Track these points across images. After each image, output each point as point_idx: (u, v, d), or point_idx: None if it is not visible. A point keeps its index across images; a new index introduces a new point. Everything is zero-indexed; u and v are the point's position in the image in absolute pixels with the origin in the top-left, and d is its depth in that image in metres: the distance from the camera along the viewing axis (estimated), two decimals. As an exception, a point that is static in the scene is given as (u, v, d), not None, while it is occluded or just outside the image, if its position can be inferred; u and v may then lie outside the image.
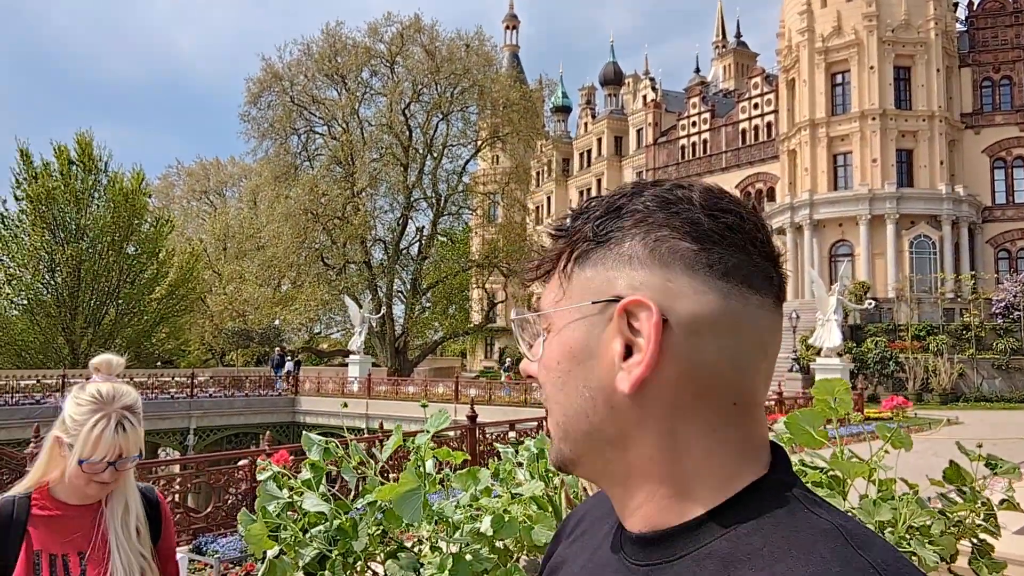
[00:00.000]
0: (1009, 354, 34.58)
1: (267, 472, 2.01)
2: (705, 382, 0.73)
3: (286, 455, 2.13)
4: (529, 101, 51.73)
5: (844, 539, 0.67)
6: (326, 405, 36.59)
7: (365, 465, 2.14)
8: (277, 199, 47.82)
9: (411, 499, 1.86)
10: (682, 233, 0.74)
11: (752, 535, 0.70)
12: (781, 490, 0.74)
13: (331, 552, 1.96)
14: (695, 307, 0.72)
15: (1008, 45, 46.92)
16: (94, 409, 2.01)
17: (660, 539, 0.75)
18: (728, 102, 59.37)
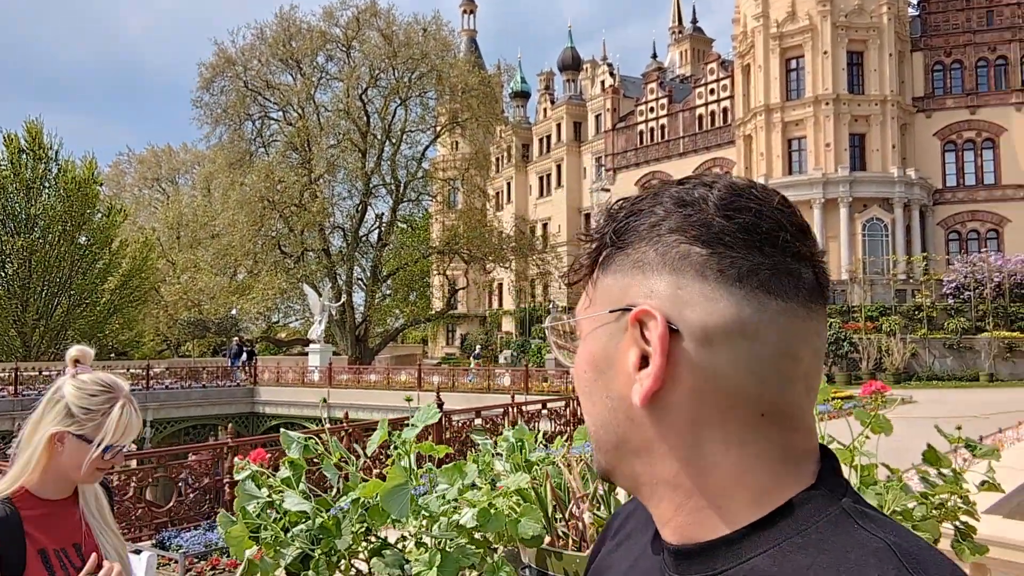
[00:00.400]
0: (960, 334, 35.43)
1: (245, 471, 1.95)
2: (725, 393, 0.70)
3: (263, 453, 2.07)
4: (488, 86, 51.51)
5: (897, 559, 0.63)
6: (286, 395, 36.26)
7: (346, 461, 2.09)
8: (232, 186, 47.10)
9: (398, 495, 1.82)
10: (691, 237, 0.71)
11: (797, 553, 0.66)
12: (829, 503, 0.69)
13: (314, 551, 1.91)
14: (706, 316, 0.69)
15: (959, 29, 47.82)
16: (111, 397, 2.04)
17: (699, 552, 0.72)
18: (685, 88, 59.74)
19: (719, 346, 0.69)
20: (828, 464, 0.74)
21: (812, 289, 0.72)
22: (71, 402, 2.02)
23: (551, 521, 2.16)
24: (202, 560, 7.39)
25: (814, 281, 0.72)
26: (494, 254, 51.76)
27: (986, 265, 38.36)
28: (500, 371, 34.24)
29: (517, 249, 53.26)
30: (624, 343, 0.72)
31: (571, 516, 2.20)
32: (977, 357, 34.54)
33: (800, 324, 0.71)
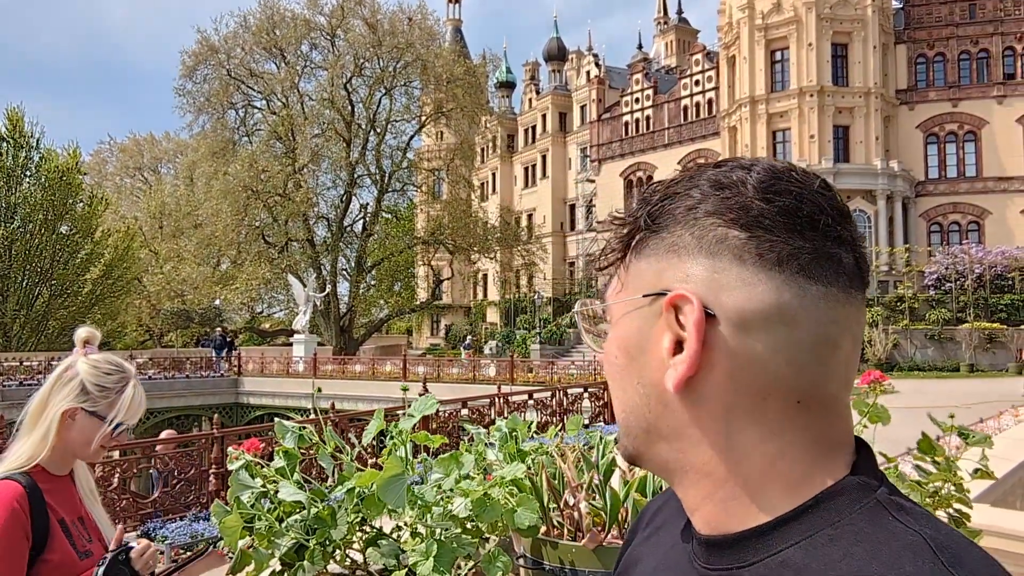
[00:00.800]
0: (941, 324, 35.76)
1: (239, 461, 1.94)
2: (761, 380, 0.68)
3: (257, 443, 2.06)
4: (473, 76, 51.36)
5: (933, 553, 0.61)
6: (270, 385, 36.16)
7: (341, 451, 2.08)
8: (215, 175, 46.76)
9: (395, 485, 1.81)
10: (729, 220, 0.69)
11: (829, 545, 0.64)
12: (863, 494, 0.68)
13: (308, 541, 1.90)
14: (744, 301, 0.67)
15: (942, 22, 48.09)
16: (123, 378, 2.12)
17: (730, 543, 0.70)
18: (670, 79, 59.77)
19: (756, 332, 0.67)
20: (863, 455, 0.72)
21: (852, 274, 0.70)
22: (86, 380, 2.08)
23: (546, 511, 2.16)
24: (188, 550, 7.36)
25: (854, 266, 0.70)
26: (479, 245, 51.71)
27: (967, 257, 38.71)
28: (485, 362, 34.27)
29: (502, 240, 53.24)
30: (658, 328, 0.71)
31: (566, 506, 2.20)
32: (958, 348, 34.88)
33: (840, 310, 0.69)
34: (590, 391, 15.18)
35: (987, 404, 17.88)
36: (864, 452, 0.73)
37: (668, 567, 0.80)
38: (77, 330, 2.22)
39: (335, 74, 47.56)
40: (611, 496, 2.01)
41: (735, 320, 0.67)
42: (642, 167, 57.47)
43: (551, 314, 54.41)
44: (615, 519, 2.02)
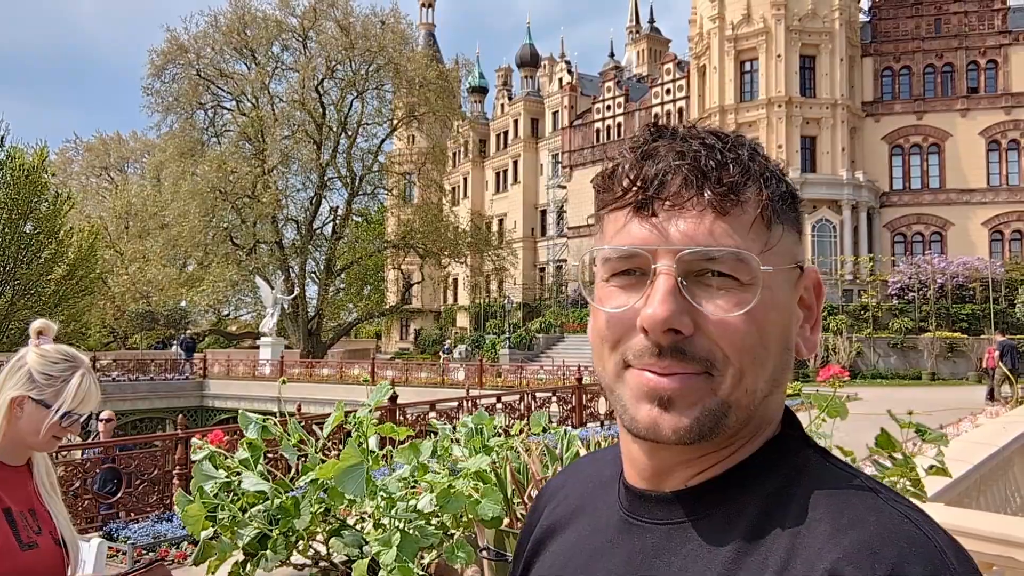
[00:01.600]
0: (904, 333, 36.32)
1: (203, 452, 1.94)
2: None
3: (221, 435, 2.05)
4: (445, 81, 51.32)
5: (872, 492, 0.71)
6: (236, 388, 35.78)
7: (305, 443, 2.08)
8: (183, 176, 46.21)
9: (354, 474, 1.82)
10: (798, 203, 0.82)
11: (782, 487, 0.73)
12: (804, 443, 0.79)
13: (272, 531, 1.90)
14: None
15: (908, 36, 48.96)
16: (72, 366, 2.08)
17: (691, 494, 0.77)
18: (642, 87, 60.21)
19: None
20: (788, 414, 0.82)
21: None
22: (33, 368, 2.05)
23: (510, 503, 2.17)
24: (150, 552, 7.27)
25: None
26: (450, 249, 51.63)
27: (930, 267, 39.38)
28: (455, 366, 34.20)
29: (473, 244, 53.20)
30: (794, 298, 0.79)
31: (529, 498, 2.21)
32: (920, 356, 35.44)
33: None
34: (559, 395, 15.21)
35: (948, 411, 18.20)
36: (788, 412, 0.82)
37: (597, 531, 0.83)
38: (32, 322, 2.21)
39: (306, 76, 47.26)
40: (574, 488, 2.02)
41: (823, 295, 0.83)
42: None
43: (521, 319, 54.47)
44: (577, 511, 2.03)
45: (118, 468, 8.16)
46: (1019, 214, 46.48)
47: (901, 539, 0.65)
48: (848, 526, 0.66)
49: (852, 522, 0.66)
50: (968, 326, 36.69)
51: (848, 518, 0.67)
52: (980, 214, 47.06)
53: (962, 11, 48.16)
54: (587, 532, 0.85)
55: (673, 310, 0.72)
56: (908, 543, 0.65)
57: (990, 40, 47.69)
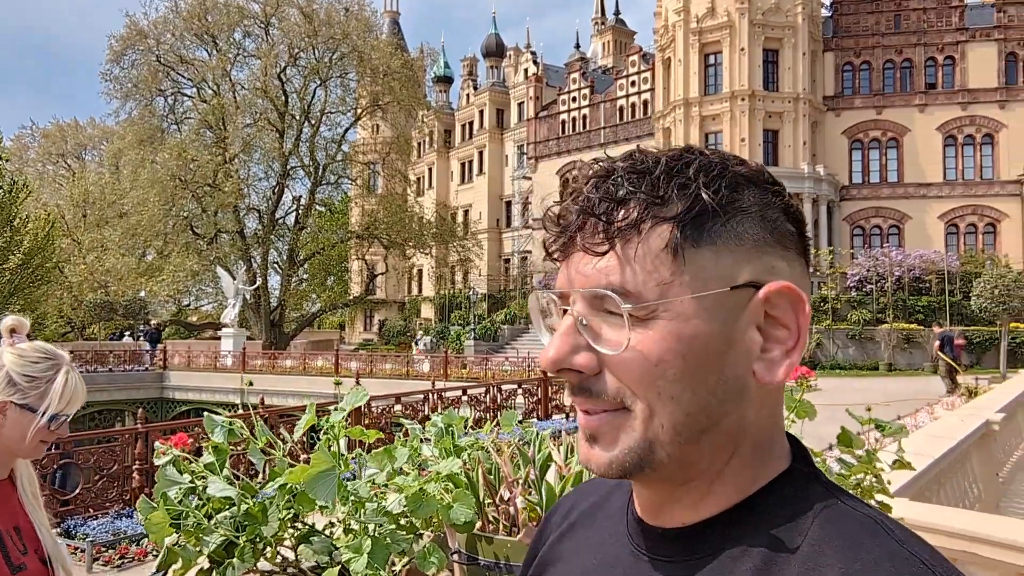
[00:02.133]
0: (862, 325, 36.95)
1: (166, 456, 1.88)
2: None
3: (184, 438, 2.00)
4: (410, 70, 50.97)
5: (885, 533, 0.65)
6: (197, 380, 35.34)
7: (273, 446, 2.04)
8: (142, 164, 45.38)
9: (325, 480, 1.78)
10: (788, 216, 0.72)
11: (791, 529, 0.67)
12: (810, 480, 0.72)
13: (239, 538, 1.85)
14: (807, 293, 0.71)
15: (868, 31, 49.65)
16: (54, 364, 1.96)
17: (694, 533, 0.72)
18: (607, 79, 60.34)
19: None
20: (798, 445, 0.76)
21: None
22: (12, 371, 1.92)
23: (482, 506, 2.15)
24: (110, 549, 7.13)
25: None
26: (414, 240, 51.39)
27: (887, 260, 40.07)
28: (420, 357, 34.09)
29: (438, 235, 53.00)
30: (742, 322, 0.69)
31: (501, 501, 2.19)
32: (877, 347, 36.09)
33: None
34: (524, 387, 15.23)
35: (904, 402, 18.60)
36: (797, 443, 0.76)
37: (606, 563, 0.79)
38: (3, 319, 2.10)
39: (268, 63, 46.62)
40: (547, 491, 2.01)
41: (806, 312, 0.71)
42: (578, 165, 57.84)
43: (486, 310, 54.42)
44: (550, 514, 2.02)
45: (76, 463, 8.00)
46: (974, 208, 47.47)
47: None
48: (860, 573, 0.62)
49: (865, 569, 0.61)
50: (924, 318, 37.41)
51: (861, 563, 0.62)
52: (936, 208, 47.99)
53: (921, 8, 48.95)
54: (594, 563, 0.81)
55: (562, 350, 0.71)
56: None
57: (948, 37, 48.54)
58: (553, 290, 0.74)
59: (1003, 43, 47.77)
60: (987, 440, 6.98)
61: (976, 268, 39.78)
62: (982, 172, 47.79)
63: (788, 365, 0.69)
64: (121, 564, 7.09)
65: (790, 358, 0.69)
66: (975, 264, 41.08)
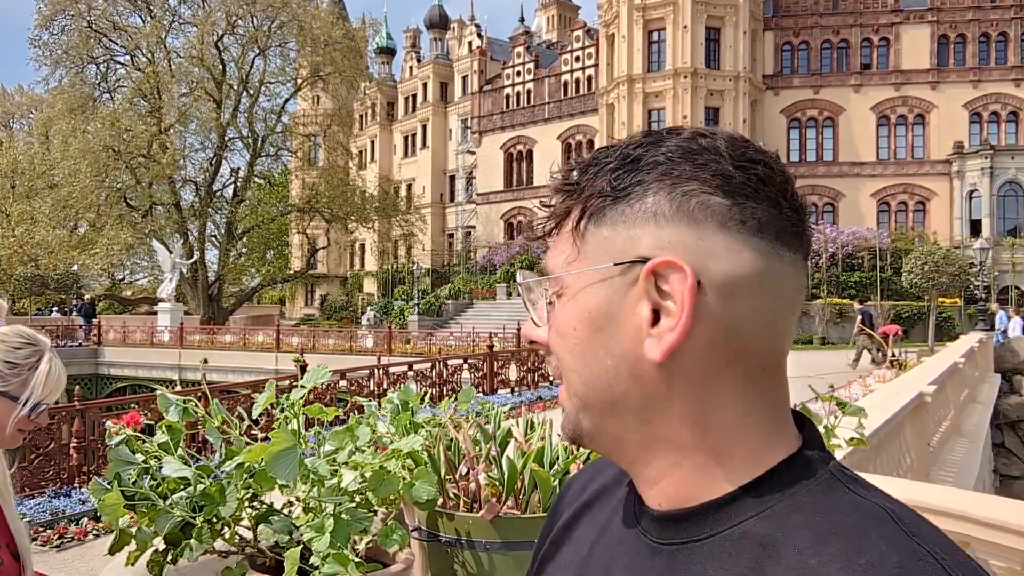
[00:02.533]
0: (799, 300, 37.84)
1: (119, 436, 1.83)
2: (738, 346, 0.68)
3: (137, 417, 1.95)
4: (352, 40, 50.12)
5: (895, 524, 0.62)
6: (132, 356, 34.58)
7: (229, 425, 2.00)
8: (73, 133, 43.80)
9: (286, 459, 1.76)
10: (712, 187, 0.68)
11: (791, 515, 0.64)
12: (818, 466, 0.68)
13: (195, 519, 1.82)
14: (730, 267, 0.67)
15: (807, 11, 50.44)
16: (36, 350, 1.90)
17: (687, 516, 0.70)
18: (552, 53, 60.23)
19: (738, 298, 0.67)
20: (810, 428, 0.73)
21: (808, 243, 0.73)
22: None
23: (442, 483, 2.15)
24: (48, 529, 6.96)
25: (808, 236, 0.73)
26: (356, 214, 50.81)
27: (822, 236, 41.04)
28: (363, 332, 33.85)
29: (380, 209, 52.49)
30: (631, 297, 0.69)
31: (462, 478, 2.19)
32: (812, 322, 37.04)
33: (800, 277, 0.71)
34: (469, 362, 15.25)
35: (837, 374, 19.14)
36: (810, 426, 0.73)
37: (611, 546, 0.78)
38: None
39: (205, 31, 45.32)
40: (508, 467, 2.02)
41: (720, 287, 0.67)
42: (522, 140, 57.81)
43: (429, 285, 54.23)
44: (511, 490, 2.03)
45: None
46: (905, 187, 48.85)
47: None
48: (865, 569, 0.58)
49: (870, 564, 0.58)
50: (856, 293, 38.49)
51: (866, 558, 0.59)
52: (869, 186, 49.26)
53: (858, -11, 49.93)
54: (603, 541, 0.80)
55: (525, 327, 0.81)
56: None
57: (883, 18, 49.61)
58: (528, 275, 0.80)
59: (936, 25, 49.02)
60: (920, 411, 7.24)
61: (906, 245, 41.03)
62: (913, 152, 49.16)
63: (664, 343, 0.67)
64: (60, 544, 6.92)
65: (672, 334, 0.66)
66: (905, 241, 42.36)
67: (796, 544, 0.62)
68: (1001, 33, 48.55)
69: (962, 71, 48.73)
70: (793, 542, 0.62)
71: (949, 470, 8.52)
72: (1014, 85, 48.06)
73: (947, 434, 10.05)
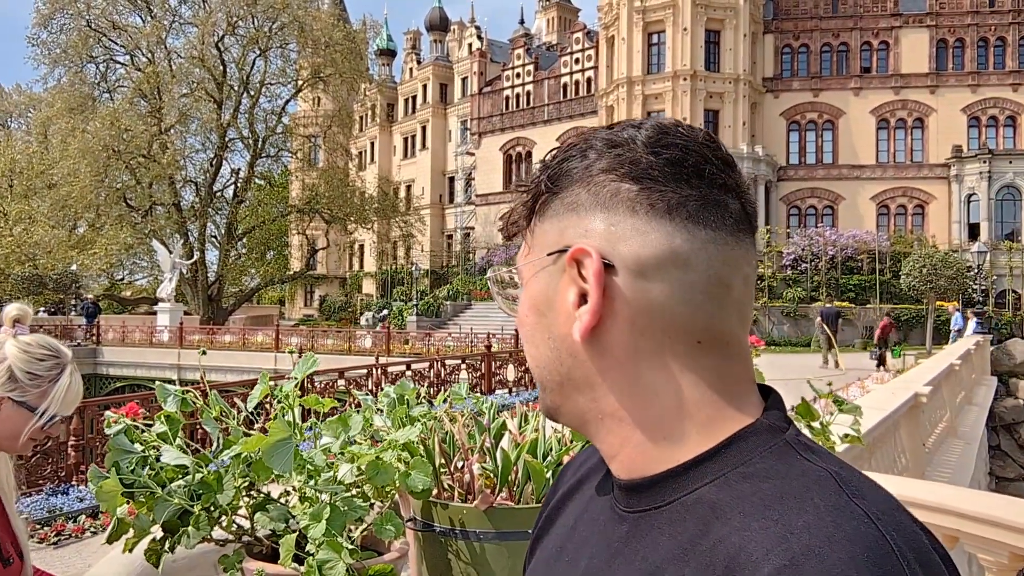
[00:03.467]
0: (796, 302, 37.89)
1: (118, 425, 1.86)
2: (661, 323, 0.72)
3: (136, 408, 1.98)
4: (352, 42, 50.14)
5: (838, 486, 0.64)
6: (131, 356, 34.58)
7: (226, 415, 2.02)
8: (72, 133, 43.77)
9: (282, 449, 1.78)
10: (622, 174, 0.73)
11: (742, 482, 0.68)
12: (773, 435, 0.71)
13: (193, 507, 1.85)
14: (639, 249, 0.71)
15: (807, 15, 50.52)
16: (58, 363, 1.90)
17: (648, 485, 0.74)
18: (551, 55, 60.26)
19: (653, 277, 0.71)
20: (773, 398, 0.76)
21: (739, 218, 0.74)
22: (16, 366, 1.85)
23: (437, 474, 2.18)
24: (45, 526, 6.97)
25: (740, 211, 0.75)
26: (356, 214, 50.82)
27: (822, 239, 41.12)
28: (361, 332, 33.85)
29: (380, 210, 52.50)
30: (563, 283, 0.75)
31: (455, 469, 2.22)
32: (811, 324, 36.99)
33: (729, 252, 0.73)
34: (467, 362, 15.27)
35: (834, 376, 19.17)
36: (774, 396, 0.76)
37: (591, 517, 0.83)
38: (5, 307, 1.97)
39: (206, 31, 45.33)
40: (502, 458, 2.04)
41: (632, 268, 0.71)
42: (522, 142, 57.85)
43: (428, 286, 54.24)
44: (505, 481, 2.06)
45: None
46: (904, 190, 48.91)
47: (856, 544, 0.59)
48: (802, 528, 0.61)
49: (807, 524, 0.61)
50: (855, 296, 38.56)
51: (804, 519, 0.62)
52: (869, 189, 49.31)
53: (858, -8, 50.00)
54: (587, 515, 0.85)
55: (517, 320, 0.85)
56: (863, 548, 0.59)
57: (883, 22, 49.68)
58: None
59: (935, 29, 49.10)
60: (915, 412, 7.26)
61: (905, 248, 41.10)
62: (912, 155, 49.22)
63: (582, 323, 0.72)
64: (57, 541, 6.94)
65: (586, 317, 0.72)
66: (904, 244, 42.41)
67: (743, 508, 0.65)
68: (999, 38, 48.62)
69: (961, 75, 48.80)
70: (740, 507, 0.65)
71: (944, 471, 8.54)
72: (1012, 90, 48.14)
73: (943, 435, 10.07)
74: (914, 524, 0.65)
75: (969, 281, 33.45)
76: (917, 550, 0.62)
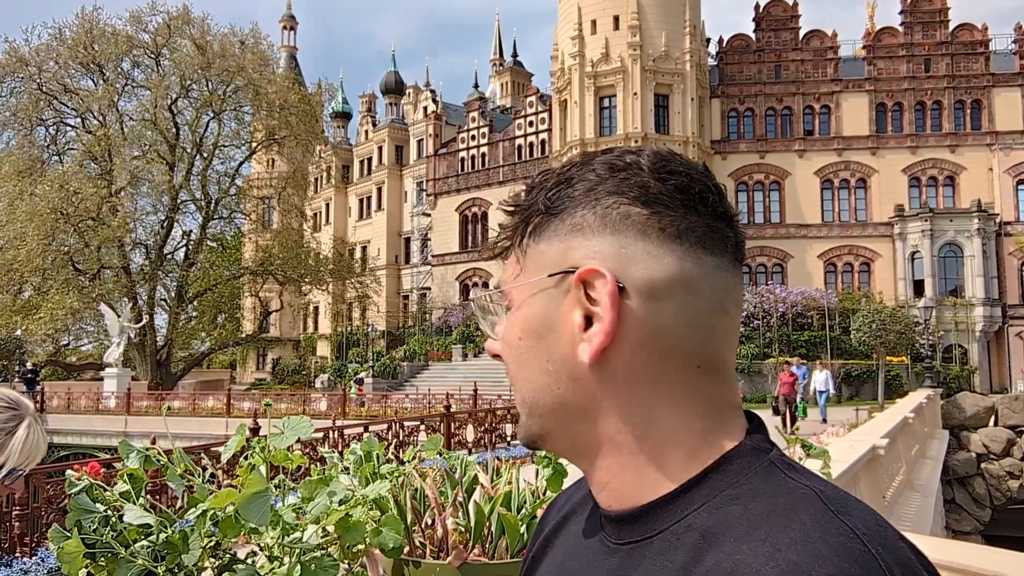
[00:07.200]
0: (750, 359, 38.34)
1: (80, 484, 1.80)
2: (666, 346, 0.72)
3: (97, 466, 1.92)
4: (308, 104, 50.50)
5: (823, 503, 0.65)
6: (77, 423, 33.53)
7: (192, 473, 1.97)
8: (20, 196, 43.03)
9: (258, 502, 1.74)
10: (631, 198, 0.74)
11: (730, 505, 0.68)
12: (758, 456, 0.72)
13: (157, 568, 1.79)
14: (650, 272, 0.72)
15: (752, 80, 52.26)
16: (17, 415, 1.86)
17: (638, 515, 0.73)
18: (505, 118, 61.28)
19: (663, 301, 0.72)
20: (756, 422, 0.77)
21: (735, 248, 0.76)
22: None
23: (409, 531, 2.14)
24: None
25: (735, 241, 0.77)
26: (311, 276, 50.49)
27: (772, 296, 41.87)
28: (316, 395, 33.31)
29: (335, 271, 52.26)
30: (566, 305, 0.74)
31: (427, 526, 2.18)
32: (765, 380, 37.47)
33: (729, 279, 0.75)
34: (426, 423, 15.10)
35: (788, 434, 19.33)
36: (757, 420, 0.77)
37: (579, 552, 0.82)
38: None
39: (159, 94, 45.26)
40: (476, 512, 2.01)
41: (643, 291, 0.72)
42: (477, 203, 58.32)
43: (385, 347, 53.78)
44: (479, 536, 2.03)
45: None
46: (850, 248, 50.20)
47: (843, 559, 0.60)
48: (789, 546, 0.61)
49: (794, 541, 0.61)
50: (807, 352, 39.12)
51: (790, 536, 0.62)
52: (816, 247, 50.53)
53: (799, 59, 51.90)
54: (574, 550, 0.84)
55: (488, 344, 0.85)
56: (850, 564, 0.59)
57: (824, 87, 51.59)
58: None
59: (874, 94, 51.09)
60: (874, 464, 7.34)
61: (853, 304, 41.99)
62: (857, 214, 50.67)
63: (593, 345, 0.72)
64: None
65: (599, 336, 0.71)
66: (852, 301, 43.34)
67: (733, 531, 0.65)
68: (936, 102, 50.71)
69: (900, 137, 50.69)
70: (731, 530, 0.65)
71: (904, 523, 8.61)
72: (950, 151, 50.06)
73: (900, 488, 10.18)
74: (900, 541, 0.65)
75: (917, 336, 34.22)
76: (904, 565, 0.62)
